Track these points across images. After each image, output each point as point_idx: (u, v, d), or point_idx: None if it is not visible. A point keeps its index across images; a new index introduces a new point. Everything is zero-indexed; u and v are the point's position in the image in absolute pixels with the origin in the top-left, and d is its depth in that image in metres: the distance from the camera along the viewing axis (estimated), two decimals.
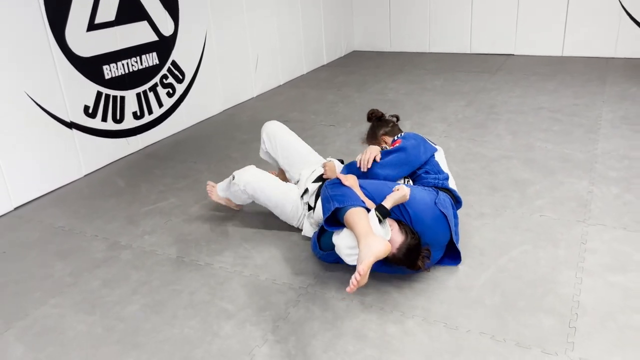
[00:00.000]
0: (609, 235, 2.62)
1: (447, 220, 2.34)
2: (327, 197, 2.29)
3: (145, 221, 3.08)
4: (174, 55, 4.38)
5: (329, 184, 2.36)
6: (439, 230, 2.34)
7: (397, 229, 2.24)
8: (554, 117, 4.27)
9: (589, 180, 3.19)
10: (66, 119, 3.56)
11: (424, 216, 2.29)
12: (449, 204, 2.42)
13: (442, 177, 2.56)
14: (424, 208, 2.31)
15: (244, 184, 2.72)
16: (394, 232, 2.22)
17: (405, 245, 2.20)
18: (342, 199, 2.21)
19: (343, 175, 2.36)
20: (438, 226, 2.33)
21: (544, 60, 6.14)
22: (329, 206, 2.23)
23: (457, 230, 2.46)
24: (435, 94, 5.17)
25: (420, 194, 2.37)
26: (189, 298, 2.37)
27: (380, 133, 2.88)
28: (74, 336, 2.18)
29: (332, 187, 2.32)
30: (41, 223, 3.14)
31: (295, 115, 4.79)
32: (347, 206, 2.17)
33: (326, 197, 2.29)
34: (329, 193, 2.29)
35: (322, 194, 2.35)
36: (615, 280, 2.28)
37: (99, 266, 2.66)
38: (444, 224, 2.34)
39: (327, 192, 2.31)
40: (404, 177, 2.61)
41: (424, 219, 2.29)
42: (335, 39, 6.95)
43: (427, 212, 2.31)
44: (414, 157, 2.58)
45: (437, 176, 2.55)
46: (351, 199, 2.21)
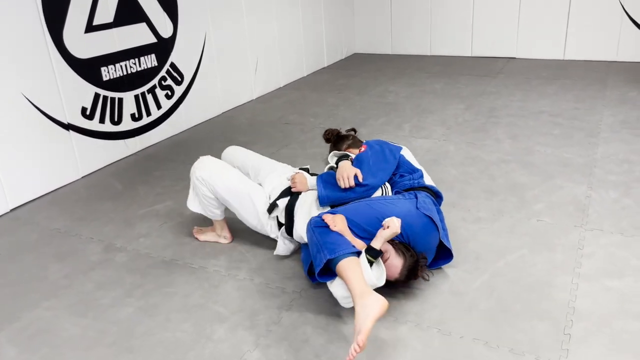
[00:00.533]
0: (606, 240, 2.60)
1: (434, 222, 2.30)
2: (317, 245, 2.11)
3: (141, 224, 3.07)
4: (173, 57, 4.38)
5: (316, 228, 2.17)
6: (429, 235, 2.30)
7: (394, 253, 2.17)
8: (554, 121, 4.25)
9: (588, 185, 3.17)
10: (63, 120, 3.56)
11: (413, 227, 2.23)
12: (430, 204, 2.36)
13: (417, 175, 2.54)
14: (410, 219, 2.23)
15: (200, 179, 2.54)
16: (391, 257, 2.16)
17: (407, 268, 2.16)
18: (333, 247, 2.06)
19: (330, 218, 2.16)
20: (428, 232, 2.28)
21: (545, 64, 6.12)
22: (321, 257, 2.07)
23: (445, 226, 2.42)
24: (435, 97, 5.15)
25: (402, 206, 2.28)
26: (182, 301, 2.36)
27: (344, 147, 3.00)
28: (67, 338, 2.17)
29: (321, 233, 2.14)
30: (38, 225, 3.14)
31: (295, 118, 4.78)
32: (339, 256, 2.03)
33: (316, 245, 2.12)
34: (318, 240, 2.12)
35: (310, 238, 2.19)
36: (611, 285, 2.26)
37: (94, 269, 2.65)
38: (432, 228, 2.30)
39: (316, 238, 2.13)
40: (381, 186, 2.52)
41: (414, 229, 2.23)
42: (336, 42, 6.95)
43: (415, 222, 2.24)
44: (387, 155, 2.54)
45: (411, 176, 2.52)
46: (342, 246, 2.07)
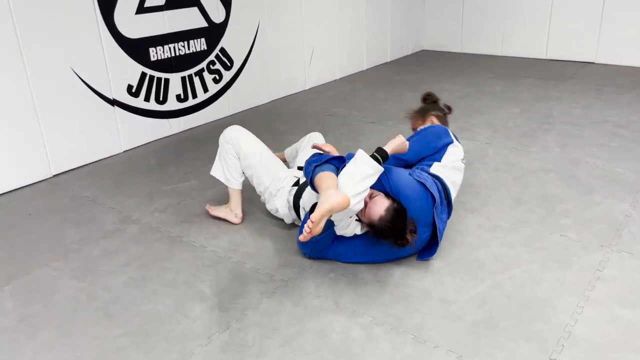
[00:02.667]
0: (632, 264, 2.34)
1: (427, 190, 2.29)
2: (309, 163, 2.31)
3: (161, 199, 3.18)
4: (223, 43, 4.47)
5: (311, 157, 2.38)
6: (421, 202, 2.29)
7: (382, 195, 2.23)
8: (616, 132, 3.88)
9: (631, 204, 2.86)
10: (109, 95, 3.76)
11: (405, 188, 2.27)
12: (427, 176, 2.39)
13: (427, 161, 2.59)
14: (404, 181, 2.31)
15: (228, 139, 2.77)
16: (378, 197, 2.22)
17: (392, 208, 2.17)
18: (321, 157, 2.29)
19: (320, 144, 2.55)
20: (419, 198, 2.29)
21: (628, 71, 5.61)
22: (310, 168, 2.26)
23: (445, 218, 2.42)
24: (492, 98, 4.88)
25: (396, 170, 2.37)
26: (173, 277, 2.41)
27: (431, 112, 2.99)
28: (60, 299, 2.28)
29: (314, 155, 2.38)
30: (71, 191, 3.34)
31: (339, 110, 4.73)
32: (323, 165, 2.22)
33: (309, 163, 2.31)
34: (311, 160, 2.33)
35: (306, 167, 2.35)
36: (621, 313, 2.03)
37: (105, 237, 2.78)
38: (425, 195, 2.30)
39: (309, 160, 2.34)
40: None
41: (405, 191, 2.26)
42: (403, 37, 6.78)
43: (407, 184, 2.30)
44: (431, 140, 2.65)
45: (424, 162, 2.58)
46: (329, 156, 2.30)
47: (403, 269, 2.37)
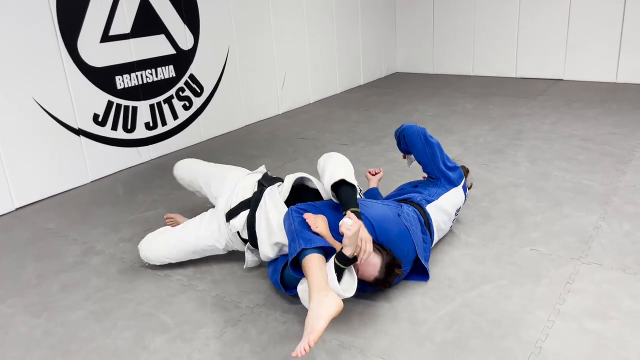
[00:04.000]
0: (602, 276, 2.31)
1: (410, 234, 2.21)
2: (293, 233, 2.01)
3: (126, 229, 3.09)
4: (192, 69, 4.45)
5: (296, 216, 2.08)
6: (403, 244, 2.21)
7: (376, 251, 2.09)
8: (583, 146, 3.91)
9: (600, 215, 2.85)
10: (74, 125, 3.69)
11: (389, 233, 2.17)
12: (414, 218, 2.31)
13: (426, 195, 2.51)
14: (387, 225, 2.20)
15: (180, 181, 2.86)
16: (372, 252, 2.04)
17: (385, 264, 2.07)
18: (310, 238, 1.96)
19: (312, 218, 2.04)
20: (403, 240, 2.20)
21: (594, 87, 5.71)
22: (295, 246, 1.95)
23: (429, 248, 2.35)
24: (463, 117, 4.91)
25: (379, 210, 2.25)
26: (134, 309, 2.32)
27: None
28: (13, 337, 2.18)
29: (300, 223, 2.05)
30: (34, 225, 3.24)
31: (312, 134, 4.71)
32: (311, 249, 1.92)
33: (293, 232, 2.02)
34: (296, 228, 2.02)
35: (288, 225, 2.09)
36: (591, 327, 1.99)
37: (66, 270, 2.68)
38: (408, 238, 2.22)
39: (294, 226, 2.03)
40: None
41: (388, 235, 2.16)
42: (375, 60, 6.85)
43: (391, 228, 2.20)
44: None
45: (421, 194, 2.50)
46: (319, 240, 1.97)
47: (373, 289, 2.31)
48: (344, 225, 1.89)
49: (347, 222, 1.89)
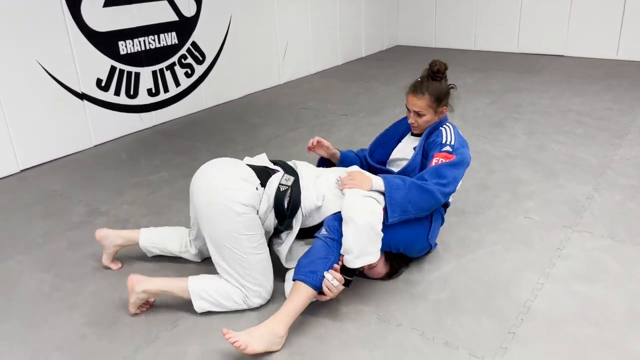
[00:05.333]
0: (592, 243, 2.39)
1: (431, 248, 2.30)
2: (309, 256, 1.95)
3: (130, 192, 3.16)
4: (195, 37, 4.46)
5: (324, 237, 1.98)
6: (422, 252, 2.29)
7: (382, 262, 2.11)
8: (580, 121, 3.96)
9: (593, 186, 2.92)
10: (77, 89, 3.72)
11: (413, 248, 2.19)
12: (439, 225, 2.28)
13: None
14: (415, 244, 2.18)
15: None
16: (379, 265, 2.09)
17: (387, 275, 2.17)
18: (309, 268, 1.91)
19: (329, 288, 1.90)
20: (422, 251, 2.28)
21: (595, 63, 5.72)
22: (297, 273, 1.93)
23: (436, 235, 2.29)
24: (463, 90, 4.91)
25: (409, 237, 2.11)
26: (140, 267, 2.40)
27: (443, 104, 2.30)
28: (24, 292, 2.26)
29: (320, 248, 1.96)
30: (39, 186, 3.30)
31: (313, 104, 4.75)
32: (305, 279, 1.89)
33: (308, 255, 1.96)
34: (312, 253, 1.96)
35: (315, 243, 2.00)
36: (578, 289, 2.08)
37: (71, 229, 2.75)
38: (427, 249, 2.29)
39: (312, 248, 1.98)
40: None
41: (412, 249, 2.20)
42: (377, 32, 6.83)
43: (417, 245, 2.20)
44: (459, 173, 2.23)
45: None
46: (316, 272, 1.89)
47: None
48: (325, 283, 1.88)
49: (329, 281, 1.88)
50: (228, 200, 1.92)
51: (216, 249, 1.99)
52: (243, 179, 1.98)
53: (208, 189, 2.00)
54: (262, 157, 2.19)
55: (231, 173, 2.02)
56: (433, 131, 2.28)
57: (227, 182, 1.98)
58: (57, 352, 1.89)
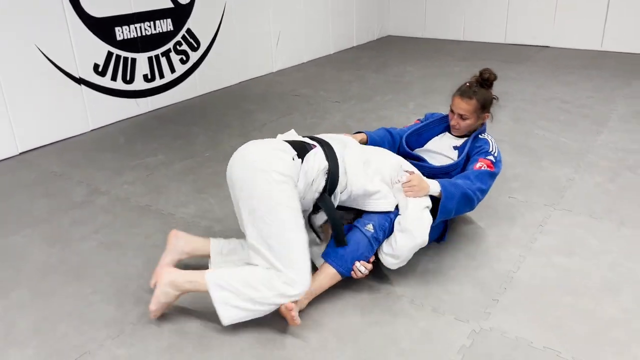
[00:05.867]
0: (571, 220, 2.54)
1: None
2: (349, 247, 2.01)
3: (129, 173, 3.25)
4: (190, 24, 4.53)
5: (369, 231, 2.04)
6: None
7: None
8: (564, 108, 4.11)
9: (575, 169, 3.07)
10: (75, 74, 3.79)
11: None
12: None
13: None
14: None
15: None
16: None
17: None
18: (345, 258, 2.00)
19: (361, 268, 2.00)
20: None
21: (579, 54, 5.88)
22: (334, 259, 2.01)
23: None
24: (451, 79, 5.07)
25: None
26: (142, 241, 2.50)
27: (486, 111, 2.42)
28: (31, 263, 2.36)
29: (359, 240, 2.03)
30: (39, 167, 3.38)
31: (306, 91, 4.85)
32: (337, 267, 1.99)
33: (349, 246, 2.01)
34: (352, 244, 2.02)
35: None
36: (558, 261, 2.22)
37: (74, 208, 2.84)
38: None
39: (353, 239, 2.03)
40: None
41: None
42: (368, 23, 6.93)
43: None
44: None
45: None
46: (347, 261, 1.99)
47: None
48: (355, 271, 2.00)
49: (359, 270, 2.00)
50: (266, 167, 1.84)
51: (253, 226, 1.83)
52: (279, 149, 1.92)
53: (244, 161, 1.92)
54: (293, 133, 2.16)
55: (265, 144, 1.97)
56: (477, 136, 2.41)
57: (263, 152, 1.92)
58: (66, 318, 1.99)
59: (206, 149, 3.58)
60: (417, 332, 1.86)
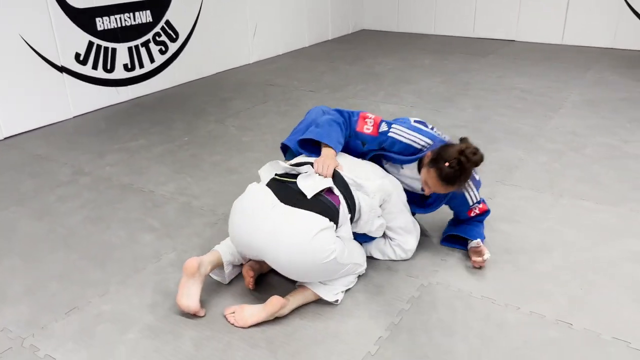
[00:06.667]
0: (517, 194, 2.81)
1: None
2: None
3: (111, 155, 3.43)
4: (168, 15, 4.71)
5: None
6: None
7: None
8: (522, 97, 4.40)
9: (524, 150, 3.35)
10: (57, 63, 3.94)
11: None
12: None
13: None
14: None
15: None
16: None
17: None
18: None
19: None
20: None
21: (542, 48, 6.20)
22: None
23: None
24: (420, 70, 5.34)
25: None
26: (125, 215, 2.70)
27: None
28: (21, 235, 2.54)
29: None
30: (24, 151, 3.54)
31: (281, 81, 5.06)
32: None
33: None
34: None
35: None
36: (502, 227, 2.48)
37: (60, 186, 3.02)
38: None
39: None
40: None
41: None
42: (343, 16, 7.15)
43: None
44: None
45: None
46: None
47: None
48: None
49: None
50: (314, 256, 1.85)
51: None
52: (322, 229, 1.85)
53: (288, 251, 1.85)
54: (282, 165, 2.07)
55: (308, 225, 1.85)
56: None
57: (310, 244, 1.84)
58: (56, 280, 2.19)
59: (184, 133, 3.77)
60: (373, 287, 2.11)
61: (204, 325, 1.92)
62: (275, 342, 1.84)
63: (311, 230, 1.82)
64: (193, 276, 1.94)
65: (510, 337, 1.83)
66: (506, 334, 1.85)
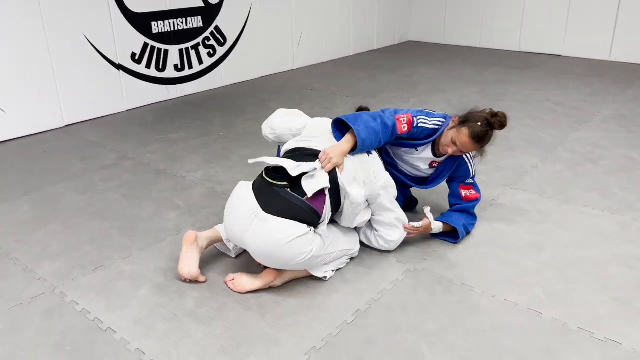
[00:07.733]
0: (522, 197, 2.91)
1: None
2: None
3: (153, 145, 3.79)
4: (218, 21, 5.08)
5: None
6: None
7: None
8: (553, 109, 4.44)
9: (541, 158, 3.42)
10: (115, 61, 4.38)
11: None
12: None
13: None
14: None
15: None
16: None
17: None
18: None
19: None
20: None
21: (589, 63, 6.14)
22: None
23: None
24: (457, 80, 5.45)
25: None
26: (155, 195, 3.02)
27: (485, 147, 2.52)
28: (66, 206, 2.90)
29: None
30: (79, 137, 3.97)
31: (319, 86, 5.32)
32: None
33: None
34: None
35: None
36: (499, 226, 2.60)
37: (104, 168, 3.39)
38: None
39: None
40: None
41: None
42: (389, 27, 7.35)
43: None
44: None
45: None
46: None
47: None
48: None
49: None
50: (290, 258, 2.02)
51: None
52: (297, 236, 2.00)
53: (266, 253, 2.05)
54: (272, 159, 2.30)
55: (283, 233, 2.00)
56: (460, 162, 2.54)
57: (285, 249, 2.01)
58: (89, 244, 2.51)
59: (221, 129, 4.09)
60: (362, 268, 2.29)
61: (206, 289, 2.17)
62: (265, 307, 2.06)
63: (286, 238, 1.98)
64: (191, 245, 2.20)
65: (480, 319, 1.97)
66: (476, 316, 1.99)
